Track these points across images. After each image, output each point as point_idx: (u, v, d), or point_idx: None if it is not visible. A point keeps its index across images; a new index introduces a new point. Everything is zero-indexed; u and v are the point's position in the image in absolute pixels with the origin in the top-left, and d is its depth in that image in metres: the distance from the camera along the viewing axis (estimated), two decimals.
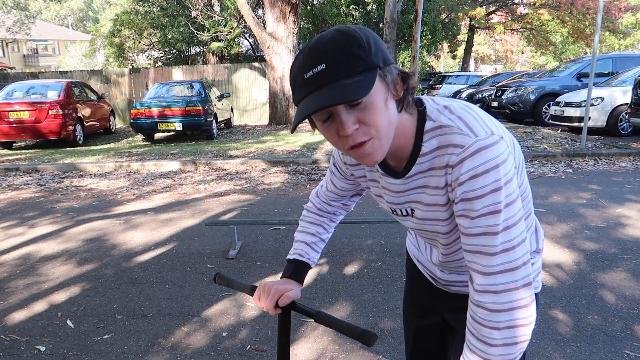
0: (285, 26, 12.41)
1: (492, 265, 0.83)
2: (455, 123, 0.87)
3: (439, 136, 0.88)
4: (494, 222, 0.82)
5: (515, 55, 38.81)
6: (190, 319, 2.70)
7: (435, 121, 0.89)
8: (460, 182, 0.84)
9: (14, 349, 2.44)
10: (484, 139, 0.83)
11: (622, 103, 8.73)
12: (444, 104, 0.92)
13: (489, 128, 0.85)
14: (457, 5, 21.82)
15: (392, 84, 0.83)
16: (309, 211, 1.30)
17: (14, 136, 9.88)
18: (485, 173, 0.82)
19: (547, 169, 6.52)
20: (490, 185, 0.81)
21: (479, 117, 0.88)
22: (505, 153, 0.83)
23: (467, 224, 0.85)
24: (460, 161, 0.84)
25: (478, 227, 0.84)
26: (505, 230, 0.82)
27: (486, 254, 0.84)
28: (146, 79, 16.19)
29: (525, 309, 0.83)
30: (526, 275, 0.83)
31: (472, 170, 0.82)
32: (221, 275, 1.22)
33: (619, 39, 27.29)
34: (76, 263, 3.60)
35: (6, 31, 28.16)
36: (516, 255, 0.83)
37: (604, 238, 3.77)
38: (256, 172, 6.89)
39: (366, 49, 0.79)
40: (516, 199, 0.83)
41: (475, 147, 0.83)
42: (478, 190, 0.82)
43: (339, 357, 2.29)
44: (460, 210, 0.86)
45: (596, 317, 2.57)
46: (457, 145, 0.85)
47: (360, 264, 3.40)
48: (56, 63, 41.34)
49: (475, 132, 0.84)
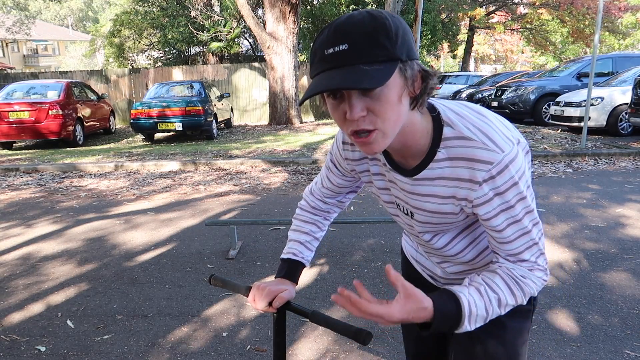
0: (285, 26, 12.41)
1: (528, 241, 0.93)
2: (478, 136, 0.87)
3: (460, 148, 0.88)
4: (522, 225, 0.90)
5: (515, 55, 38.81)
6: (190, 319, 2.70)
7: (454, 129, 0.89)
8: (488, 199, 0.89)
9: (14, 349, 2.44)
10: (509, 152, 0.86)
11: (622, 103, 8.73)
12: (457, 110, 0.91)
13: (508, 139, 0.87)
14: (457, 5, 21.82)
15: (411, 79, 0.81)
16: (303, 209, 1.28)
17: (14, 136, 9.88)
18: (515, 185, 0.87)
19: (547, 169, 6.52)
20: (519, 194, 0.88)
21: (496, 127, 0.89)
22: (521, 157, 0.88)
23: (510, 232, 0.91)
24: (492, 177, 0.86)
25: (518, 231, 0.91)
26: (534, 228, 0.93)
27: (525, 235, 0.92)
28: (146, 79, 16.19)
29: None
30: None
31: (505, 183, 0.87)
32: (216, 277, 1.20)
33: (618, 39, 27.28)
34: (76, 263, 3.60)
35: (6, 31, 28.14)
36: (533, 234, 0.93)
37: (604, 238, 3.77)
38: (256, 172, 6.89)
39: (392, 39, 0.77)
40: (531, 201, 0.91)
41: (504, 163, 0.85)
42: (512, 200, 0.88)
43: (339, 357, 2.29)
44: (503, 221, 0.90)
45: (596, 317, 2.57)
46: (484, 162, 0.86)
47: (360, 264, 3.40)
48: (56, 63, 41.33)
49: (500, 147, 0.86)
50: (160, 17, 18.40)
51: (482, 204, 0.89)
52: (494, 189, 0.87)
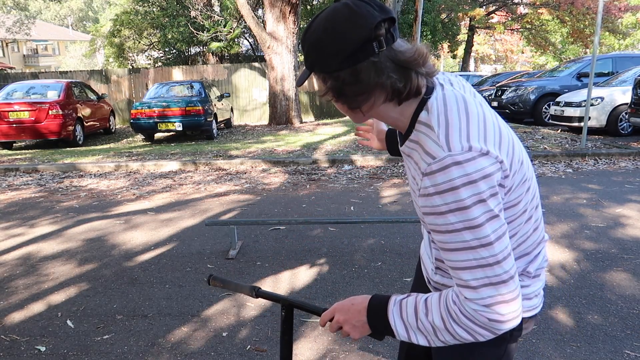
0: (285, 26, 12.41)
1: (475, 278, 0.85)
2: (439, 129, 0.86)
3: (422, 134, 0.89)
4: (460, 238, 0.84)
5: (515, 55, 38.80)
6: (190, 319, 2.70)
7: (428, 115, 0.90)
8: (427, 193, 0.85)
9: (14, 349, 2.44)
10: (457, 154, 0.82)
11: (622, 103, 8.73)
12: (447, 102, 0.90)
13: (468, 143, 0.83)
14: (457, 5, 21.81)
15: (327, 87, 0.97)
16: None
17: (14, 136, 9.87)
18: (454, 190, 0.82)
19: (547, 169, 6.52)
20: (454, 203, 0.82)
21: (465, 127, 0.85)
22: (484, 170, 0.82)
23: (442, 238, 0.88)
24: (432, 172, 0.84)
25: (455, 243, 0.86)
26: (481, 247, 0.84)
27: (461, 269, 0.86)
28: (146, 79, 16.19)
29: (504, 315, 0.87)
30: (512, 289, 0.86)
31: (445, 184, 0.82)
32: (215, 277, 1.19)
33: (618, 39, 27.27)
34: (76, 263, 3.60)
35: (6, 31, 28.15)
36: (494, 271, 0.84)
37: (604, 238, 3.77)
38: (256, 172, 6.89)
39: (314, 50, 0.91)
40: (486, 221, 0.83)
41: (446, 162, 0.83)
42: (441, 206, 0.83)
43: (339, 357, 2.29)
44: (431, 224, 0.88)
45: (596, 317, 2.57)
46: (429, 154, 0.86)
47: (360, 264, 3.40)
48: (56, 63, 41.32)
49: (450, 146, 0.83)
50: (160, 17, 18.40)
51: (423, 195, 0.87)
52: (435, 186, 0.83)
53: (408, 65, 0.86)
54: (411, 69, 0.87)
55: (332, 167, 7.05)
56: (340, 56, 0.84)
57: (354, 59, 0.84)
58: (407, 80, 0.87)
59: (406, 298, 0.95)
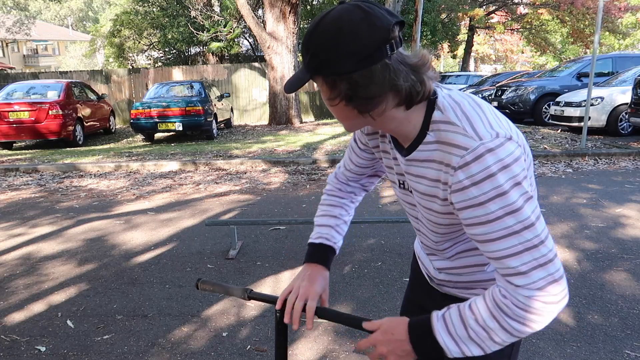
0: (285, 26, 12.41)
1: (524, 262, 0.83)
2: (462, 122, 0.87)
3: (445, 132, 0.89)
4: (503, 225, 0.82)
5: (515, 55, 38.81)
6: (190, 319, 2.70)
7: (444, 114, 0.90)
8: (463, 187, 0.84)
9: (14, 349, 2.44)
10: (488, 141, 0.83)
11: (622, 103, 8.73)
12: (456, 97, 0.92)
13: (493, 129, 0.85)
14: (457, 5, 21.81)
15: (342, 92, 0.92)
16: (329, 194, 1.28)
17: (14, 136, 9.88)
18: (491, 176, 0.82)
19: (547, 169, 6.52)
20: (493, 190, 0.82)
21: (485, 117, 0.88)
22: (514, 154, 0.84)
23: (483, 230, 0.85)
24: (466, 164, 0.84)
25: (499, 231, 0.83)
26: (525, 230, 0.83)
27: (507, 257, 0.84)
28: (146, 79, 16.19)
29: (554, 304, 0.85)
30: (559, 268, 0.84)
31: (480, 173, 0.82)
32: (204, 281, 1.14)
33: (618, 39, 27.28)
34: (76, 263, 3.60)
35: (6, 31, 28.17)
36: (540, 252, 0.83)
37: (604, 238, 3.77)
38: (256, 172, 6.89)
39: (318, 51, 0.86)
40: (524, 203, 0.83)
41: (479, 151, 0.83)
42: (479, 197, 0.83)
43: (339, 357, 2.29)
44: (471, 218, 0.86)
45: (596, 317, 2.57)
46: (460, 147, 0.85)
47: (360, 264, 3.40)
48: (56, 63, 41.32)
49: (479, 135, 0.84)
50: (160, 17, 18.41)
51: (457, 190, 0.86)
52: (470, 177, 0.83)
53: (419, 69, 0.87)
54: (423, 73, 0.87)
55: (332, 167, 7.05)
56: (356, 57, 0.82)
57: (370, 60, 0.82)
58: (422, 83, 0.87)
59: (447, 312, 0.91)
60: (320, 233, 1.20)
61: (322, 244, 1.18)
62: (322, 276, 1.13)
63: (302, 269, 1.16)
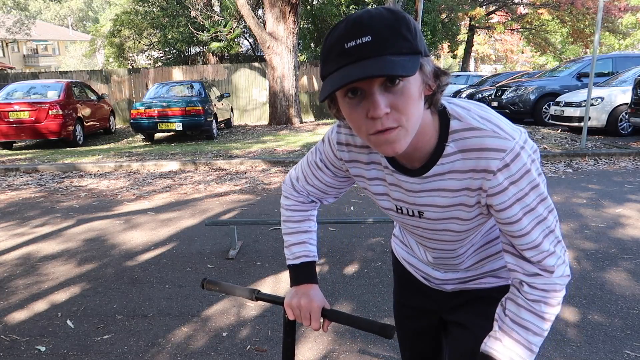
0: (285, 26, 12.41)
1: (550, 241, 0.90)
2: (487, 126, 0.86)
3: (470, 139, 0.86)
4: (536, 214, 0.88)
5: (515, 55, 38.80)
6: (190, 319, 2.70)
7: (462, 121, 0.87)
8: (503, 189, 0.86)
9: (14, 349, 2.44)
10: (519, 139, 0.85)
11: (622, 103, 8.72)
12: (462, 104, 0.91)
13: (514, 127, 0.88)
14: (457, 5, 21.81)
15: (428, 76, 0.80)
16: (292, 209, 1.20)
17: (14, 136, 9.87)
18: (528, 172, 0.85)
19: (547, 169, 6.52)
20: (529, 185, 0.86)
21: (500, 117, 0.89)
22: (533, 145, 0.88)
23: (526, 222, 0.88)
24: (506, 166, 0.84)
25: (534, 220, 0.88)
26: (549, 214, 0.90)
27: (540, 243, 0.89)
28: (146, 79, 16.19)
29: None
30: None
31: (519, 171, 0.85)
32: (210, 280, 1.13)
33: (618, 39, 27.27)
34: (76, 263, 3.60)
35: (6, 31, 28.17)
36: (557, 230, 0.91)
37: (604, 238, 3.77)
38: (256, 172, 6.89)
39: (413, 32, 0.76)
40: (545, 188, 0.89)
41: (516, 150, 0.84)
42: (517, 194, 0.86)
43: (339, 357, 2.29)
44: (511, 216, 0.88)
45: (596, 317, 2.57)
46: (497, 150, 0.84)
47: (360, 264, 3.40)
48: (56, 63, 41.32)
49: (511, 135, 0.85)
50: (160, 17, 18.41)
51: (496, 193, 0.86)
52: (509, 177, 0.85)
53: (439, 75, 0.84)
54: (443, 79, 0.86)
55: None
56: (422, 39, 0.80)
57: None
58: (441, 88, 0.84)
59: (498, 341, 0.93)
60: (297, 253, 1.17)
61: (303, 263, 1.16)
62: (315, 290, 1.14)
63: (293, 291, 1.14)
